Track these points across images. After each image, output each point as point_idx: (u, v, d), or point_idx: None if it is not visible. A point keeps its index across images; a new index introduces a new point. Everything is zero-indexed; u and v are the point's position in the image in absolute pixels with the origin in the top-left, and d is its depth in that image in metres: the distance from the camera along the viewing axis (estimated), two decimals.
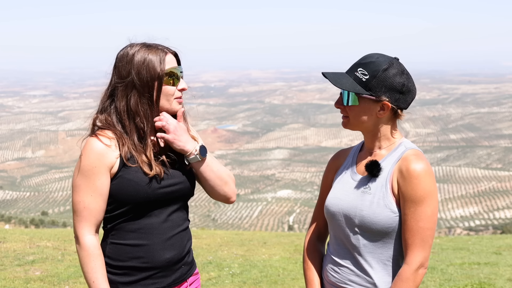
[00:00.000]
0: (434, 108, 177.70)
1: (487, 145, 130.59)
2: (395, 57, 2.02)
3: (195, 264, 2.28)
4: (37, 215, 67.72)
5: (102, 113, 2.09)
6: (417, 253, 1.93)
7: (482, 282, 6.24)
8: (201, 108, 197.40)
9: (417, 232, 1.92)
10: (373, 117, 2.00)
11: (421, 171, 1.93)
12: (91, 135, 2.06)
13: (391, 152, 2.04)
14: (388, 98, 1.97)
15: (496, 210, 79.97)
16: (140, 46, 2.08)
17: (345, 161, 2.19)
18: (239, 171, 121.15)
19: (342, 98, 2.03)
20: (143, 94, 2.03)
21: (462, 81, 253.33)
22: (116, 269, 2.04)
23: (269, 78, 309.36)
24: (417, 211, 1.92)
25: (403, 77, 1.98)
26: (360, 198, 2.02)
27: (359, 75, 1.98)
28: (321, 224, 2.26)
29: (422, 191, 1.91)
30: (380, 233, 1.98)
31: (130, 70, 2.03)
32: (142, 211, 2.04)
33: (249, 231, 16.85)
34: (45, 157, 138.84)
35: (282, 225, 74.82)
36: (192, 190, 2.19)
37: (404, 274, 1.94)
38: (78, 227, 2.01)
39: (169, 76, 2.07)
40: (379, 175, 2.01)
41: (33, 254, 7.34)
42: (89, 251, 1.98)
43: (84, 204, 2.00)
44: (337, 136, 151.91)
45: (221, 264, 7.26)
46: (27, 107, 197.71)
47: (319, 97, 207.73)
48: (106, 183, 2.01)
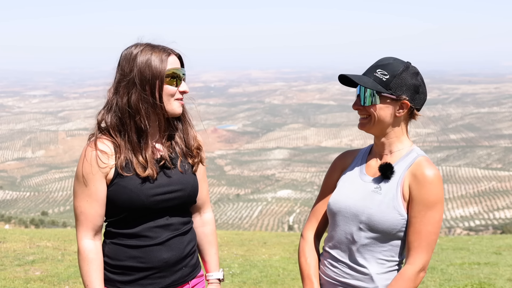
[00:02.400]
0: (434, 108, 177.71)
1: (487, 145, 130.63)
2: (407, 61, 2.10)
3: (200, 267, 2.27)
4: (37, 215, 67.74)
5: (109, 111, 2.08)
6: (422, 256, 1.99)
7: (482, 282, 6.24)
8: (201, 108, 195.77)
9: (424, 236, 1.98)
10: (392, 117, 2.06)
11: (434, 177, 1.99)
12: (90, 139, 2.07)
13: (402, 157, 2.08)
14: (407, 97, 2.04)
15: (496, 210, 80.00)
16: (145, 46, 2.08)
17: (353, 162, 2.22)
18: (239, 171, 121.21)
19: (360, 99, 2.07)
20: (144, 92, 2.03)
21: (462, 81, 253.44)
22: (114, 269, 2.08)
23: (269, 78, 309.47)
24: (427, 215, 1.98)
25: (419, 78, 2.07)
26: (370, 197, 2.06)
27: (379, 75, 2.04)
28: (320, 221, 2.28)
29: (434, 196, 1.98)
30: (384, 233, 2.03)
31: (132, 67, 2.04)
32: (139, 217, 2.06)
33: (249, 231, 16.85)
34: (45, 157, 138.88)
35: (282, 225, 74.86)
36: (193, 198, 2.19)
37: (406, 273, 1.99)
38: (77, 232, 2.06)
39: (171, 77, 2.07)
40: (391, 178, 2.05)
41: (33, 254, 7.34)
42: (84, 255, 2.02)
43: (81, 209, 2.04)
44: (337, 136, 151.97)
45: (221, 264, 7.26)
46: (27, 107, 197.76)
47: (319, 97, 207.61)
48: (101, 189, 2.03)
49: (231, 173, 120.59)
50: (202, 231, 2.33)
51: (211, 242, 2.35)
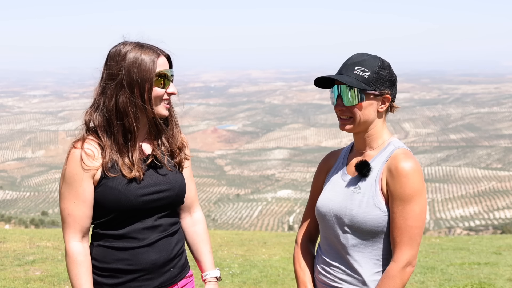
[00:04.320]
0: (434, 108, 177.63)
1: (487, 145, 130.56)
2: (377, 55, 2.09)
3: (189, 267, 2.25)
4: (37, 215, 67.76)
5: (96, 110, 2.05)
6: (405, 251, 1.94)
7: (482, 282, 6.24)
8: (201, 108, 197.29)
9: (405, 230, 1.94)
10: (375, 113, 2.04)
11: (409, 169, 1.94)
12: (77, 140, 2.03)
13: (380, 151, 2.06)
14: (389, 91, 2.04)
15: (496, 210, 79.97)
16: (134, 45, 2.03)
17: (336, 163, 2.20)
18: (239, 171, 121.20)
19: (342, 99, 2.03)
20: (132, 94, 1.99)
21: (462, 81, 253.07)
22: (102, 271, 2.05)
23: (269, 78, 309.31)
24: (406, 209, 1.93)
25: (391, 70, 2.07)
26: (350, 198, 2.04)
27: (359, 73, 2.00)
28: (311, 225, 2.27)
29: (410, 189, 1.93)
30: (370, 233, 2.00)
31: (121, 68, 1.99)
32: (127, 218, 2.03)
33: (249, 231, 16.84)
34: (45, 157, 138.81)
35: (282, 225, 74.84)
36: (181, 198, 2.16)
37: (391, 271, 1.96)
38: (64, 234, 2.03)
39: (159, 77, 2.03)
40: (369, 175, 2.03)
41: (33, 254, 7.34)
42: (72, 257, 1.99)
43: (68, 211, 2.00)
44: (337, 136, 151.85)
45: (221, 264, 7.26)
46: (27, 107, 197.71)
47: (319, 97, 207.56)
48: (88, 190, 2.00)
49: (231, 173, 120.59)
50: (194, 231, 2.30)
51: (204, 241, 2.32)
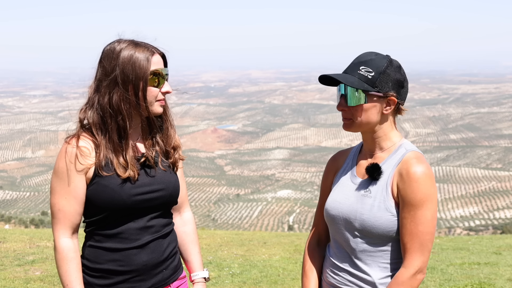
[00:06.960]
0: (434, 108, 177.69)
1: (487, 145, 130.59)
2: (387, 55, 2.02)
3: (182, 269, 2.24)
4: (37, 215, 67.69)
5: (91, 108, 2.03)
6: (416, 257, 1.89)
7: (482, 282, 6.24)
8: (201, 108, 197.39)
9: (416, 236, 1.88)
10: (379, 115, 1.97)
11: (421, 174, 1.89)
12: (70, 137, 2.02)
13: (391, 154, 2.00)
14: (394, 93, 1.96)
15: (496, 210, 80.00)
16: (128, 43, 2.02)
17: (345, 163, 2.14)
18: (239, 171, 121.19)
19: (345, 99, 1.98)
20: (126, 92, 1.98)
21: (462, 81, 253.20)
22: (93, 272, 2.03)
23: (269, 78, 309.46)
24: (417, 215, 1.88)
25: (402, 72, 1.99)
26: (361, 201, 1.99)
27: (363, 73, 1.94)
28: (321, 228, 2.21)
29: (422, 194, 1.88)
30: (381, 237, 1.95)
31: (115, 66, 1.98)
32: (120, 217, 2.01)
33: (249, 231, 16.82)
34: (45, 157, 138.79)
35: (282, 225, 74.72)
36: (174, 199, 2.15)
37: (401, 277, 1.90)
38: (54, 230, 2.00)
39: (154, 76, 2.01)
40: (380, 179, 1.97)
41: (33, 254, 7.34)
42: (63, 254, 1.96)
43: (58, 207, 1.98)
44: (337, 136, 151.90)
45: (221, 264, 7.26)
46: (27, 107, 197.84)
47: (319, 97, 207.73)
48: (80, 186, 1.97)
49: (231, 173, 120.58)
50: (184, 231, 2.30)
51: (193, 241, 2.31)
